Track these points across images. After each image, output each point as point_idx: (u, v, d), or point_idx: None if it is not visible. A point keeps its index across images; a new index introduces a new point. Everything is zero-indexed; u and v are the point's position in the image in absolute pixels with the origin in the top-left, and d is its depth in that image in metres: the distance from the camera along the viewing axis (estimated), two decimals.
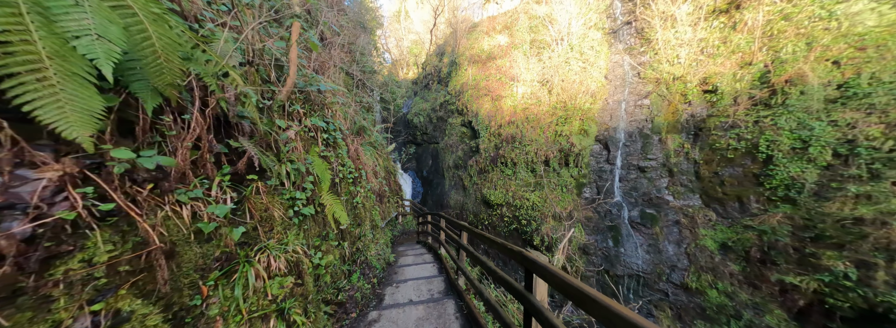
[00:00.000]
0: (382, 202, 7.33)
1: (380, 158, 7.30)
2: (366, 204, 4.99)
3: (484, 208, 13.33)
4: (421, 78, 23.31)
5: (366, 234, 4.41)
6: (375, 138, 7.79)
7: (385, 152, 8.12)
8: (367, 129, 7.55)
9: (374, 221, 5.69)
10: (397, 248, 7.42)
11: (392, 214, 8.27)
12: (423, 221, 7.44)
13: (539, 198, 11.63)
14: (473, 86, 16.21)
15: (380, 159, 7.24)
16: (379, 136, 8.09)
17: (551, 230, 10.79)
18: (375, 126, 8.39)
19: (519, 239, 11.82)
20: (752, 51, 9.15)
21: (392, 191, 8.81)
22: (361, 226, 4.39)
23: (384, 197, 7.53)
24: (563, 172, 11.91)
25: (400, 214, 9.91)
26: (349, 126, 6.62)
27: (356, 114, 7.37)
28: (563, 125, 12.03)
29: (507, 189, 12.77)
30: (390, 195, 8.52)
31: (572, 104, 11.96)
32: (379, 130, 11.39)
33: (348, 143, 4.70)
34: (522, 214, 11.65)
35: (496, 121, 14.26)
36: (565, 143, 11.67)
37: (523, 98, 13.87)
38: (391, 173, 9.03)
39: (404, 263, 5.83)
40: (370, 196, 5.60)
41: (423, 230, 7.94)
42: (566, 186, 11.53)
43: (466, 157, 15.97)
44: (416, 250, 7.02)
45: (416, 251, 6.96)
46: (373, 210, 5.56)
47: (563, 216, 10.90)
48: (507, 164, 13.23)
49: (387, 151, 8.26)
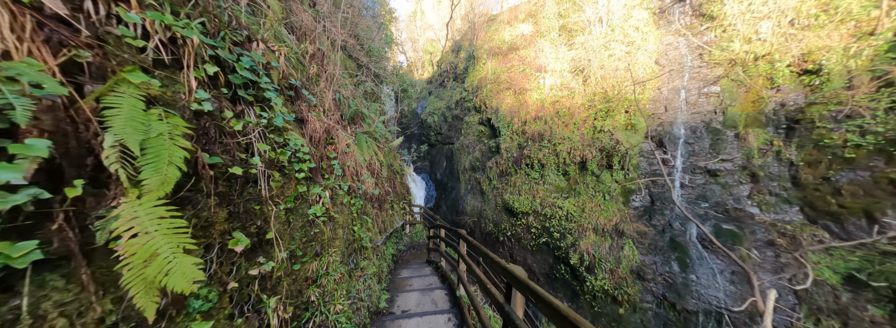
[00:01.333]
0: (382, 209, 5.37)
1: (380, 153, 5.35)
2: (339, 217, 3.01)
3: (506, 217, 11.12)
4: (436, 76, 21.53)
5: (329, 273, 2.45)
6: (377, 129, 5.91)
7: (390, 147, 6.18)
8: (367, 117, 5.66)
9: (360, 242, 3.69)
10: (399, 273, 5.38)
11: (396, 224, 6.32)
12: (435, 236, 5.42)
13: (574, 206, 9.34)
14: (493, 80, 14.18)
15: (380, 154, 5.29)
16: (382, 126, 6.18)
17: (592, 246, 8.46)
18: (383, 116, 6.56)
19: (550, 255, 9.53)
20: (876, 17, 6.67)
21: (397, 195, 6.87)
22: (322, 258, 2.43)
23: (385, 202, 5.58)
24: (604, 176, 9.59)
25: (407, 223, 7.89)
26: (337, 107, 4.71)
27: (353, 97, 5.50)
28: (603, 119, 9.75)
29: (534, 195, 10.53)
30: (395, 199, 6.59)
31: (615, 94, 9.69)
32: (388, 120, 9.54)
33: (306, 113, 2.77)
34: (554, 226, 9.38)
35: (520, 117, 12.12)
36: (607, 140, 9.38)
37: (552, 90, 11.71)
38: (397, 173, 7.12)
39: (404, 308, 3.70)
40: (354, 203, 3.63)
41: (434, 246, 5.92)
42: (609, 193, 9.19)
43: (485, 158, 13.86)
44: (425, 278, 4.94)
45: (424, 279, 4.88)
46: (356, 225, 3.56)
47: (608, 230, 8.55)
48: (533, 165, 11.03)
49: (393, 146, 6.38)
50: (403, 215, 7.44)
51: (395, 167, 6.24)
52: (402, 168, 7.68)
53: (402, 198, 7.48)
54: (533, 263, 10.01)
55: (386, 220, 5.70)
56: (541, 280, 9.76)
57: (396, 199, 6.79)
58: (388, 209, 5.93)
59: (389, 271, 5.43)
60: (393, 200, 6.41)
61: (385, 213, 5.54)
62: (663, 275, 7.48)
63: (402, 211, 7.37)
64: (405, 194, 7.70)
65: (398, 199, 6.98)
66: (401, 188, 7.24)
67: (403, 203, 7.41)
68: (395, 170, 6.95)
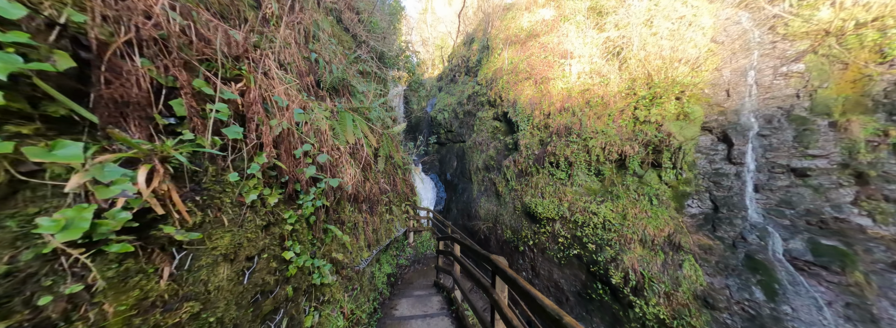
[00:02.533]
0: (374, 213, 3.88)
1: (373, 138, 3.85)
2: (248, 234, 1.54)
3: (527, 223, 9.45)
4: (446, 71, 20.12)
5: None
6: (373, 109, 4.44)
7: (389, 134, 4.66)
8: (358, 92, 4.22)
9: (307, 277, 2.14)
10: (394, 308, 3.67)
11: (395, 232, 4.81)
12: (446, 252, 3.83)
13: (613, 212, 7.60)
14: (510, 70, 12.61)
15: (373, 138, 3.78)
16: (381, 110, 4.67)
17: (640, 262, 6.70)
18: (382, 99, 5.10)
19: (582, 270, 7.78)
20: None
21: (399, 195, 5.38)
22: None
23: (378, 204, 4.07)
24: (648, 176, 7.83)
25: (411, 231, 6.33)
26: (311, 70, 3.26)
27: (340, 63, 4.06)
28: (647, 108, 8.02)
29: (561, 198, 8.84)
30: (396, 201, 5.11)
31: (662, 79, 7.96)
32: (395, 117, 8.04)
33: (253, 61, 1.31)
34: (588, 235, 7.66)
35: (542, 109, 10.49)
36: (653, 133, 7.64)
37: (580, 78, 10.04)
38: (399, 168, 5.61)
39: None
40: (304, 205, 2.12)
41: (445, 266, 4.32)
42: (657, 197, 7.42)
43: (500, 157, 12.24)
44: (430, 320, 3.30)
45: (430, 324, 3.25)
46: (294, 244, 2.01)
47: (659, 242, 6.78)
48: (558, 164, 9.35)
49: (394, 133, 4.91)
50: (406, 220, 5.89)
51: (397, 160, 4.73)
52: (406, 162, 6.20)
53: (405, 198, 5.96)
54: (560, 279, 8.28)
55: (380, 229, 4.19)
56: (570, 299, 8.01)
57: (397, 200, 5.29)
58: (384, 213, 4.43)
59: (381, 303, 3.87)
60: (392, 201, 4.91)
61: (378, 219, 4.03)
62: (741, 305, 5.66)
63: (405, 215, 5.83)
64: (409, 194, 6.15)
65: (400, 200, 5.48)
66: (403, 186, 5.72)
67: (406, 205, 5.87)
68: (396, 164, 5.44)
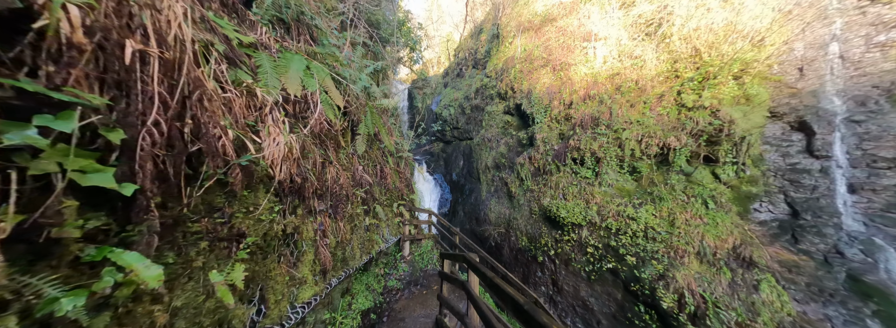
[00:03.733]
0: (339, 217, 2.57)
1: (338, 97, 2.50)
2: None
3: (547, 228, 8.03)
4: (452, 66, 18.91)
5: None
6: (344, 62, 3.11)
7: (374, 106, 3.33)
8: (322, 34, 2.92)
9: None
10: None
11: (380, 244, 3.49)
12: (452, 277, 2.48)
13: (656, 217, 6.17)
14: (523, 58, 11.31)
15: (338, 97, 2.44)
16: (366, 77, 3.36)
17: (698, 281, 5.24)
18: (371, 68, 3.85)
19: (619, 288, 6.32)
20: None
21: (389, 191, 4.02)
22: None
23: (344, 202, 2.73)
24: (699, 174, 6.38)
25: (408, 240, 4.93)
26: None
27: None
28: (696, 91, 6.60)
29: (588, 200, 7.43)
30: (384, 198, 3.78)
31: (714, 56, 6.55)
32: (398, 116, 6.73)
33: None
34: (625, 245, 6.23)
35: (561, 98, 9.14)
36: (706, 120, 6.21)
37: (607, 62, 8.69)
38: (390, 155, 4.26)
39: None
40: None
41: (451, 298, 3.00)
42: (712, 199, 5.96)
43: (512, 154, 10.88)
44: None
45: None
46: None
47: (722, 255, 5.32)
48: (582, 160, 7.96)
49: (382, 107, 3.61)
50: (400, 226, 4.53)
51: (387, 144, 3.40)
52: (401, 149, 4.81)
53: (399, 196, 4.60)
54: (589, 297, 6.83)
55: (353, 240, 2.92)
56: (602, 323, 6.54)
57: (386, 198, 3.98)
58: (359, 216, 3.13)
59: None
60: (376, 199, 3.61)
61: (346, 225, 2.72)
62: None
63: (398, 219, 4.47)
64: (404, 191, 4.76)
65: (390, 199, 4.17)
66: (396, 180, 4.34)
67: (399, 205, 4.49)
68: (387, 151, 4.13)
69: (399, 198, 4.57)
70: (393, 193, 4.30)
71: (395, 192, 4.35)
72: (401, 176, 4.66)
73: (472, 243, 4.34)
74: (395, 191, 4.38)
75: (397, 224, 4.37)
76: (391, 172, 4.10)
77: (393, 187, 4.21)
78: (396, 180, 4.36)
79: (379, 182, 3.76)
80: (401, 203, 4.53)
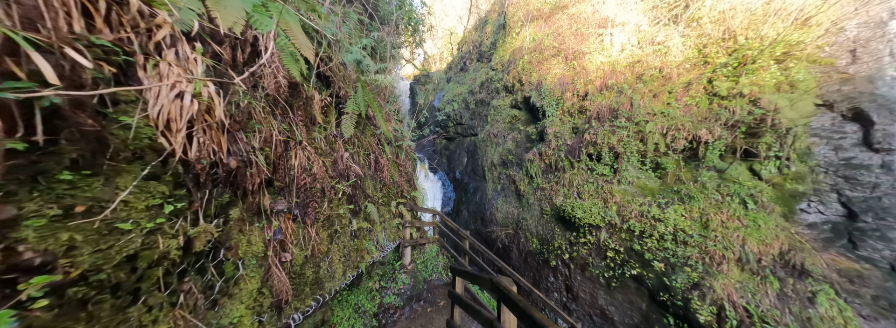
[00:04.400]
0: (310, 220, 1.91)
1: (309, 50, 1.85)
2: None
3: (560, 230, 7.39)
4: (455, 61, 18.24)
5: None
6: (349, 51, 2.56)
7: (366, 81, 2.70)
8: None
9: None
10: None
11: (373, 254, 2.86)
12: (466, 302, 1.84)
13: (686, 218, 5.51)
14: (532, 48, 10.63)
15: (308, 50, 1.81)
16: (359, 50, 2.75)
17: (740, 292, 4.59)
18: (364, 41, 3.25)
19: (644, 297, 5.68)
20: None
21: (385, 186, 3.36)
22: None
23: (313, 202, 2.07)
24: (734, 170, 5.71)
25: (409, 245, 4.23)
26: None
27: None
28: (731, 78, 5.92)
29: (606, 199, 6.78)
30: (378, 195, 3.13)
31: (752, 38, 5.86)
32: (402, 117, 6.05)
33: None
34: (651, 249, 5.58)
35: (575, 89, 8.47)
36: (745, 110, 5.53)
37: (625, 49, 8.01)
38: (389, 144, 3.59)
39: None
40: None
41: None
42: (752, 198, 5.30)
43: (520, 150, 10.24)
44: None
45: None
46: None
47: (767, 262, 4.66)
48: (599, 156, 7.31)
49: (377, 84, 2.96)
50: (399, 229, 3.87)
51: (384, 130, 2.75)
52: (401, 138, 4.08)
53: (398, 193, 3.92)
54: (608, 306, 6.19)
55: (332, 253, 2.27)
56: None
57: (383, 196, 3.33)
58: (342, 219, 2.47)
59: None
60: (369, 196, 2.97)
61: (321, 233, 2.04)
62: None
63: (397, 220, 3.81)
64: (404, 187, 4.05)
65: (388, 196, 3.52)
66: (393, 173, 3.64)
67: (399, 203, 3.81)
68: (383, 138, 3.47)
69: (398, 195, 3.98)
70: (391, 190, 3.62)
71: (393, 189, 3.69)
72: (401, 169, 3.96)
73: (486, 251, 3.68)
74: (394, 188, 3.72)
75: (396, 227, 3.74)
76: (389, 164, 3.42)
77: (391, 182, 3.54)
78: (395, 174, 3.68)
79: (373, 175, 3.10)
80: (401, 201, 3.94)
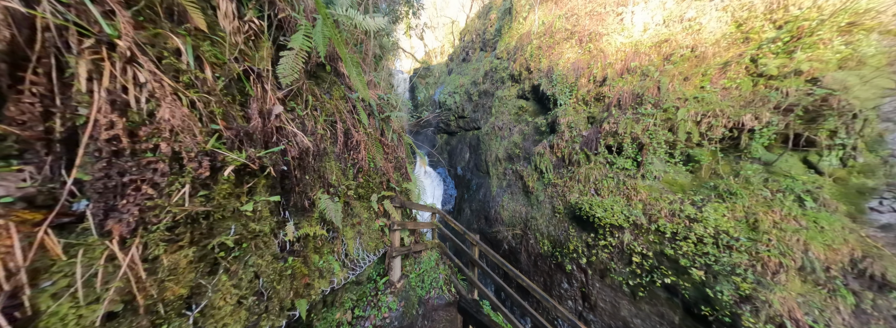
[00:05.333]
0: (116, 231, 1.13)
1: None
2: None
3: (575, 231, 6.60)
4: (457, 51, 17.38)
5: None
6: None
7: (344, 25, 1.93)
8: None
9: None
10: None
11: (321, 288, 1.99)
12: None
13: (728, 218, 4.72)
14: (542, 33, 9.79)
15: None
16: (347, 7, 2.01)
17: (802, 306, 3.81)
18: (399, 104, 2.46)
19: (677, 311, 4.90)
20: None
21: (363, 173, 2.43)
22: None
23: (139, 180, 1.26)
24: (784, 162, 4.90)
25: (398, 253, 3.27)
26: None
27: None
28: (781, 55, 5.10)
29: (629, 196, 5.98)
30: (348, 186, 2.28)
31: (809, 8, 5.02)
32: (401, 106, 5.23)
33: None
34: (689, 254, 4.78)
35: (592, 75, 7.65)
36: (798, 90, 4.72)
37: (649, 29, 7.17)
38: (367, 115, 2.67)
39: None
40: None
41: None
42: (810, 194, 4.50)
43: (528, 143, 9.44)
44: None
45: None
46: None
47: (837, 271, 3.88)
48: (620, 147, 6.51)
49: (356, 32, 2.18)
50: (384, 233, 2.97)
51: (361, 91, 1.91)
52: (386, 105, 3.00)
53: (382, 183, 2.95)
54: (633, 318, 5.42)
55: (225, 300, 1.43)
56: None
57: (359, 186, 2.46)
58: (262, 224, 1.63)
59: None
60: (332, 187, 2.12)
61: (169, 258, 1.23)
62: None
63: (380, 221, 2.90)
64: (392, 175, 3.00)
65: (366, 187, 2.63)
66: (375, 153, 2.65)
67: (382, 197, 2.86)
68: (361, 103, 2.56)
69: (383, 186, 3.05)
70: (372, 179, 2.78)
71: (375, 177, 2.84)
72: (388, 151, 3.10)
73: (503, 262, 2.84)
74: (377, 176, 2.87)
75: (379, 230, 2.90)
76: (368, 142, 2.54)
77: (371, 168, 2.73)
78: (378, 157, 2.76)
79: (340, 154, 2.26)
80: (385, 195, 2.97)
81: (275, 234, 1.78)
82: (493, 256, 2.93)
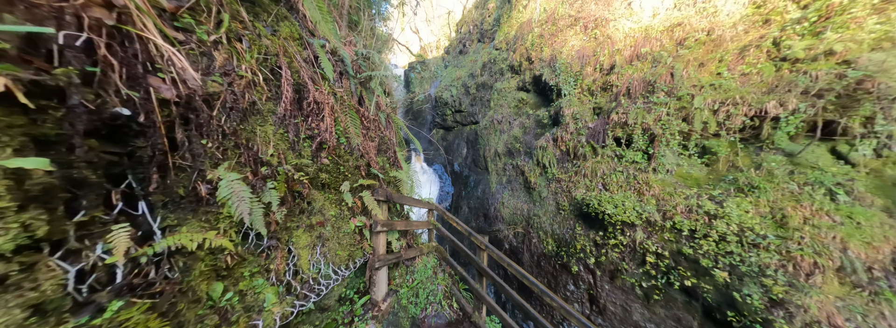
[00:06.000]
0: None
1: None
2: None
3: (582, 229, 6.18)
4: (454, 44, 16.82)
5: None
6: None
7: None
8: None
9: None
10: None
11: (292, 313, 1.37)
12: None
13: (752, 214, 4.34)
14: (544, 20, 9.32)
15: None
16: None
17: (842, 311, 3.44)
18: None
19: (697, 316, 4.50)
20: None
21: (339, 159, 1.78)
22: None
23: None
24: (811, 153, 4.52)
25: (386, 263, 2.54)
26: None
27: None
28: (808, 36, 4.70)
29: (641, 191, 5.57)
30: (294, 162, 1.56)
31: None
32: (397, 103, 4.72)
33: None
34: (710, 254, 4.39)
35: (598, 63, 7.21)
36: (829, 73, 4.34)
37: (658, 13, 6.75)
38: (344, 76, 2.01)
39: None
40: None
41: None
42: (841, 187, 4.13)
43: (529, 137, 8.99)
44: None
45: None
46: None
47: (879, 272, 3.52)
48: (629, 139, 6.10)
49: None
50: (362, 238, 2.27)
51: (325, 32, 1.38)
52: (369, 64, 2.33)
53: (361, 168, 2.10)
54: (647, 322, 5.03)
55: None
56: None
57: (325, 171, 1.71)
58: None
59: None
60: (278, 173, 1.40)
61: None
62: None
63: (357, 220, 2.22)
64: (374, 159, 2.12)
65: (335, 173, 1.81)
66: (346, 124, 1.86)
67: (359, 185, 2.00)
68: (332, 57, 1.88)
69: (359, 172, 2.24)
70: (342, 160, 2.02)
71: (349, 160, 2.07)
72: (365, 123, 2.29)
73: (524, 274, 2.33)
74: (352, 158, 2.09)
75: (355, 233, 2.13)
76: (337, 108, 1.84)
77: (340, 144, 1.95)
78: (356, 133, 1.95)
79: (286, 116, 1.43)
80: (364, 184, 2.23)
81: (76, 254, 0.80)
82: (509, 265, 2.42)
